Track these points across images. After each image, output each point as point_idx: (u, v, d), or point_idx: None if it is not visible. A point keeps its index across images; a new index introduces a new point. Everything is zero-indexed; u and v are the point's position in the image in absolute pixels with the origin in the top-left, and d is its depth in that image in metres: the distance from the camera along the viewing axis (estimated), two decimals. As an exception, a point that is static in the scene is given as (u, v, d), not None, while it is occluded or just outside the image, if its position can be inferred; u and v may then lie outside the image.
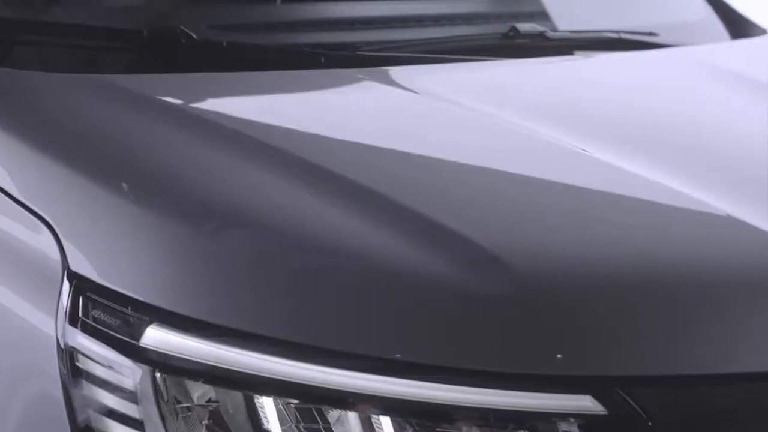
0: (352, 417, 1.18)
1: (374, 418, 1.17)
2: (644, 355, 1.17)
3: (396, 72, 1.70)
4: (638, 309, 1.20)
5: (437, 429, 1.17)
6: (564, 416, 1.15)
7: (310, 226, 1.28)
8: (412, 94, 1.66)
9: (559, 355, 1.16)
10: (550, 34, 1.83)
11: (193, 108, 1.57)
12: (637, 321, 1.19)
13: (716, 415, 1.16)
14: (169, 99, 1.57)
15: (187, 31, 1.64)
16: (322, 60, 1.68)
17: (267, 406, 1.19)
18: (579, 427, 1.15)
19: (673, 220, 1.34)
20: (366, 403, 1.17)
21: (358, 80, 1.69)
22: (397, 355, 1.17)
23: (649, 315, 1.19)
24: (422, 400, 1.17)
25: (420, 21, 1.86)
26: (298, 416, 1.18)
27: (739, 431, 1.16)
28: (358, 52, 1.71)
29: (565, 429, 1.15)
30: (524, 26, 1.82)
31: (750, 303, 1.21)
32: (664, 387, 1.15)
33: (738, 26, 2.01)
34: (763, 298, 1.22)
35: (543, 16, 1.94)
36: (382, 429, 1.17)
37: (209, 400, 1.20)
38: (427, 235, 1.26)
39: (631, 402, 1.14)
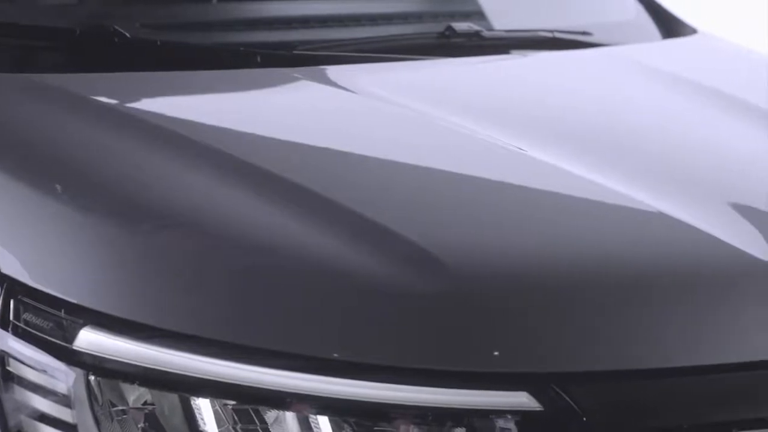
0: (290, 417, 1.17)
1: (312, 418, 1.17)
2: (578, 351, 1.18)
3: (332, 71, 1.70)
4: (572, 306, 1.21)
5: (375, 428, 1.17)
6: (501, 413, 1.16)
7: (245, 225, 1.27)
8: (349, 93, 1.66)
9: (496, 353, 1.17)
10: (486, 33, 1.84)
11: (126, 108, 1.55)
12: (571, 318, 1.20)
13: (649, 409, 1.17)
14: (103, 99, 1.55)
15: (120, 30, 1.62)
16: (258, 59, 1.67)
17: (203, 407, 1.18)
18: (516, 423, 1.16)
19: (606, 218, 1.36)
20: (303, 403, 1.17)
21: (294, 79, 1.68)
22: (335, 355, 1.17)
23: (583, 312, 1.21)
24: (360, 399, 1.17)
25: (357, 20, 1.86)
26: (236, 417, 1.18)
27: (671, 424, 1.18)
28: (294, 51, 1.70)
29: (502, 425, 1.16)
30: (460, 26, 1.83)
31: (680, 299, 1.23)
32: (598, 382, 1.17)
33: (669, 26, 2.04)
34: (693, 295, 1.24)
35: (479, 15, 1.95)
36: (319, 429, 1.17)
37: (145, 403, 1.19)
38: (364, 233, 1.26)
39: (566, 398, 1.15)
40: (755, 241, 1.30)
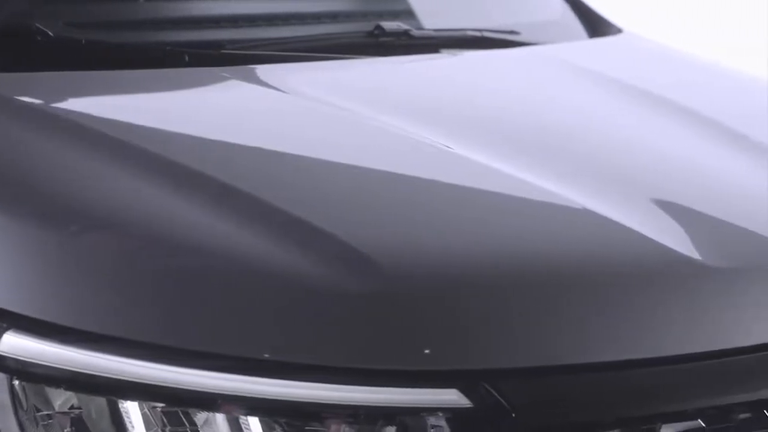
0: (220, 419, 1.17)
1: (242, 419, 1.16)
2: (507, 348, 1.19)
3: (261, 71, 1.69)
4: (500, 303, 1.22)
5: (306, 428, 1.17)
6: (432, 410, 1.16)
7: (172, 225, 1.26)
8: (278, 92, 1.65)
9: (426, 351, 1.17)
10: (415, 32, 1.84)
11: (50, 108, 1.53)
12: (500, 315, 1.21)
13: (577, 404, 1.19)
14: (25, 99, 1.53)
15: (43, 28, 1.59)
16: (186, 58, 1.66)
17: (132, 410, 1.17)
18: (446, 420, 1.16)
19: (533, 216, 1.37)
20: (233, 404, 1.16)
21: (222, 79, 1.67)
22: (265, 355, 1.17)
23: (511, 309, 1.22)
24: (291, 399, 1.16)
25: (286, 19, 1.85)
26: (165, 420, 1.17)
27: (598, 419, 1.19)
28: (222, 51, 1.69)
29: (433, 423, 1.16)
30: (389, 25, 1.83)
31: (606, 295, 1.25)
32: (527, 378, 1.18)
33: (595, 25, 2.06)
34: (619, 291, 1.26)
35: (408, 14, 1.96)
36: (250, 429, 1.16)
37: (71, 407, 1.17)
38: (293, 233, 1.26)
39: (496, 394, 1.16)
40: (679, 237, 1.32)
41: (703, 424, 1.21)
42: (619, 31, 2.07)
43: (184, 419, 1.17)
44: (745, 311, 1.28)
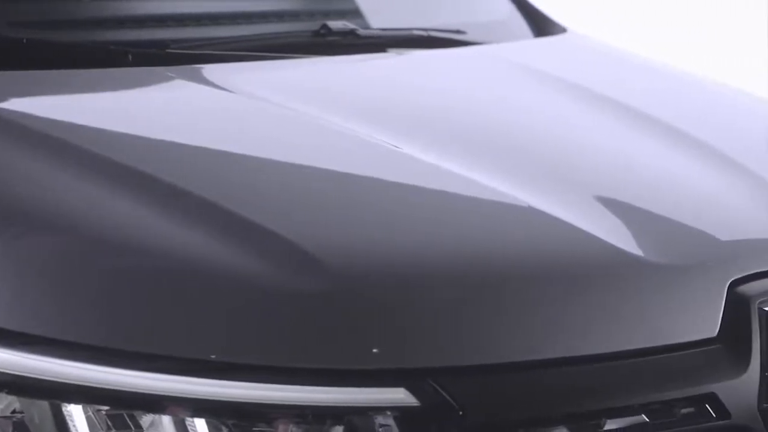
0: (166, 421, 1.16)
1: (188, 420, 1.16)
2: (454, 346, 1.20)
3: (207, 70, 1.68)
4: (447, 302, 1.22)
5: (254, 429, 1.16)
6: (380, 410, 1.17)
7: (116, 227, 1.25)
8: (225, 92, 1.64)
9: (374, 350, 1.17)
10: (361, 31, 1.84)
11: (-9, 108, 1.50)
12: (446, 313, 1.22)
13: (523, 401, 1.20)
14: None
15: None
16: (130, 58, 1.64)
17: (75, 414, 1.15)
18: (395, 419, 1.17)
19: (481, 214, 1.38)
20: (180, 406, 1.15)
21: (168, 78, 1.66)
22: (213, 356, 1.16)
23: (457, 307, 1.22)
24: (238, 400, 1.16)
25: (232, 18, 1.84)
26: (109, 423, 1.16)
27: (544, 415, 1.20)
28: (167, 50, 1.68)
29: (381, 422, 1.17)
30: (335, 24, 1.83)
31: (552, 292, 1.26)
32: (473, 376, 1.19)
33: (540, 25, 2.08)
34: (565, 288, 1.27)
35: (354, 14, 1.96)
36: (196, 431, 1.16)
37: (13, 411, 1.16)
38: (240, 233, 1.25)
39: (443, 392, 1.16)
40: (622, 235, 1.34)
41: (647, 419, 1.22)
42: (563, 30, 2.09)
43: (129, 422, 1.16)
44: (687, 307, 1.29)
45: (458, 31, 1.92)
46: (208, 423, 1.15)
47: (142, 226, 1.25)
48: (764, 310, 1.30)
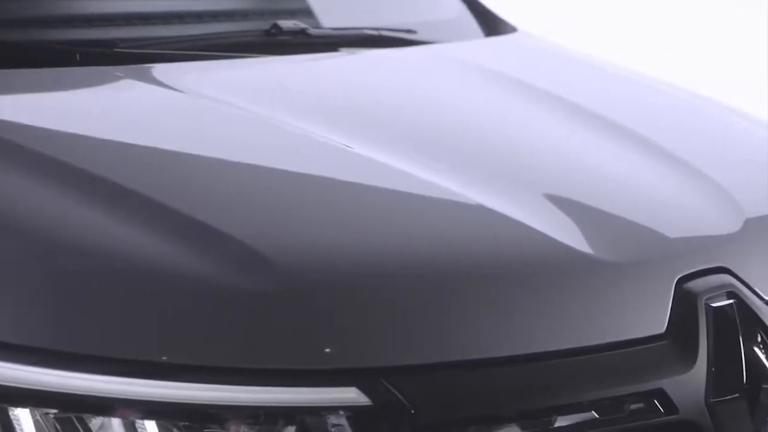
0: (116, 423, 1.15)
1: (139, 423, 1.15)
2: (405, 345, 1.20)
3: (156, 70, 1.67)
4: (398, 301, 1.23)
5: (205, 430, 1.16)
6: (332, 409, 1.17)
7: (64, 228, 1.24)
8: (174, 92, 1.63)
9: (326, 350, 1.17)
10: (312, 31, 1.84)
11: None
12: (397, 312, 1.22)
13: (474, 399, 1.20)
14: None
15: None
16: (78, 57, 1.62)
17: (23, 418, 1.14)
18: (347, 419, 1.17)
19: (431, 213, 1.38)
20: (130, 408, 1.14)
21: (116, 78, 1.64)
22: (164, 358, 1.15)
23: (408, 306, 1.23)
24: (189, 401, 1.15)
25: (181, 18, 1.83)
26: (57, 426, 1.15)
27: (495, 413, 1.21)
28: (115, 49, 1.66)
29: (334, 422, 1.17)
30: (286, 23, 1.82)
31: (502, 290, 1.27)
32: (425, 375, 1.19)
33: (491, 24, 2.09)
34: (515, 286, 1.27)
35: (305, 13, 1.95)
36: (147, 433, 1.15)
37: (-41, 416, 1.14)
38: (190, 234, 1.25)
39: (395, 391, 1.17)
40: (571, 233, 1.35)
41: (597, 415, 1.23)
42: (513, 30, 2.10)
43: (78, 425, 1.15)
44: (635, 304, 1.31)
45: (409, 31, 1.93)
46: (158, 425, 1.15)
47: (90, 227, 1.24)
48: (711, 306, 1.32)
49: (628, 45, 3.64)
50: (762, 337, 1.34)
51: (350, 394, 1.17)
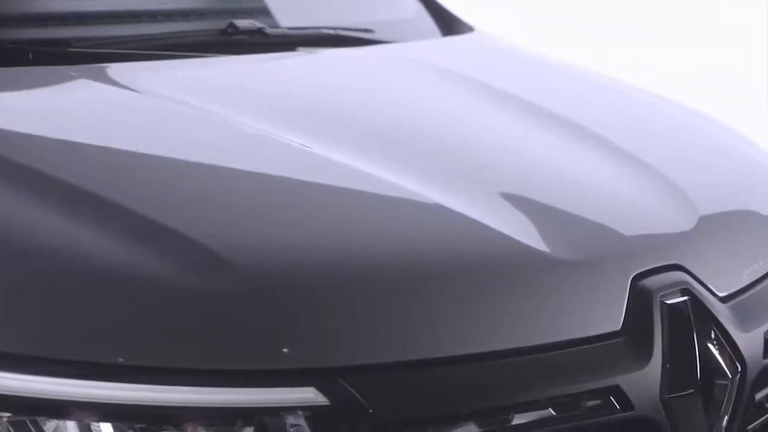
0: (71, 426, 1.14)
1: (94, 425, 1.14)
2: (362, 344, 1.20)
3: (112, 69, 1.65)
4: (355, 300, 1.23)
5: (161, 432, 1.15)
6: (290, 409, 1.16)
7: (17, 229, 1.23)
8: (129, 91, 1.62)
9: (284, 350, 1.17)
10: (269, 30, 1.83)
11: None
12: (355, 312, 1.22)
13: (432, 398, 1.20)
14: None
15: None
16: (31, 56, 1.61)
17: (-25, 421, 1.13)
18: (305, 419, 1.16)
19: (388, 213, 1.38)
20: (85, 411, 1.13)
21: (70, 78, 1.63)
22: (120, 360, 1.14)
23: (366, 306, 1.23)
24: (146, 403, 1.14)
25: (136, 17, 1.82)
26: (11, 430, 1.13)
27: (453, 411, 1.21)
28: (69, 49, 1.65)
29: (292, 422, 1.16)
30: (243, 23, 1.82)
31: (458, 290, 1.27)
32: (383, 374, 1.19)
33: (448, 24, 2.10)
34: (471, 285, 1.28)
35: (262, 12, 1.95)
36: (103, 436, 1.14)
37: None
38: (145, 234, 1.24)
39: (353, 391, 1.17)
40: (527, 231, 1.35)
41: (554, 413, 1.24)
42: (471, 29, 2.11)
43: (32, 428, 1.14)
44: (591, 301, 1.32)
45: (367, 30, 1.93)
46: (114, 428, 1.14)
47: (44, 228, 1.23)
48: (665, 303, 1.33)
49: (628, 45, 3.67)
50: (715, 333, 1.36)
51: (308, 395, 1.16)
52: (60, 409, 1.14)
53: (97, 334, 1.16)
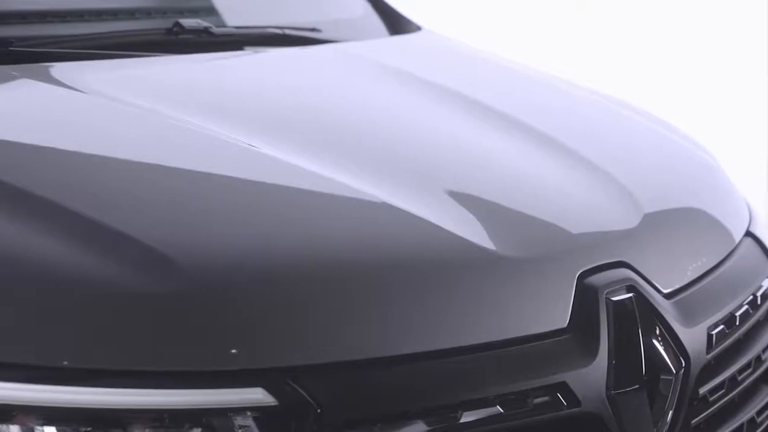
0: (15, 430, 1.12)
1: (38, 429, 1.12)
2: (310, 344, 1.20)
3: (55, 69, 1.63)
4: (301, 300, 1.23)
5: (108, 435, 1.14)
6: (239, 410, 1.16)
7: None
8: (72, 91, 1.60)
9: (232, 351, 1.16)
10: (215, 29, 1.82)
11: None
12: (301, 312, 1.22)
13: (380, 396, 1.21)
14: None
15: None
16: None
17: None
18: (254, 419, 1.16)
19: (335, 212, 1.38)
20: (29, 415, 1.12)
21: (12, 78, 1.60)
22: (65, 362, 1.13)
23: (313, 305, 1.23)
24: (92, 406, 1.13)
25: (81, 15, 1.80)
26: (-47, 435, 1.11)
27: (401, 410, 1.21)
28: (11, 48, 1.62)
29: (241, 423, 1.16)
30: (189, 22, 1.80)
31: (404, 289, 1.27)
32: (331, 374, 1.19)
33: (395, 23, 2.10)
34: (417, 283, 1.28)
35: (208, 11, 1.94)
36: (48, 439, 1.13)
37: None
38: (89, 235, 1.23)
39: (301, 391, 1.16)
40: (475, 229, 1.36)
41: (502, 410, 1.25)
42: (418, 28, 2.12)
43: (-26, 433, 1.12)
44: (538, 298, 1.33)
45: (314, 29, 1.92)
46: (59, 431, 1.12)
47: None
48: (611, 300, 1.35)
49: (627, 45, 3.68)
50: (660, 329, 1.37)
51: (256, 395, 1.16)
52: (3, 413, 1.12)
53: (39, 337, 1.14)
